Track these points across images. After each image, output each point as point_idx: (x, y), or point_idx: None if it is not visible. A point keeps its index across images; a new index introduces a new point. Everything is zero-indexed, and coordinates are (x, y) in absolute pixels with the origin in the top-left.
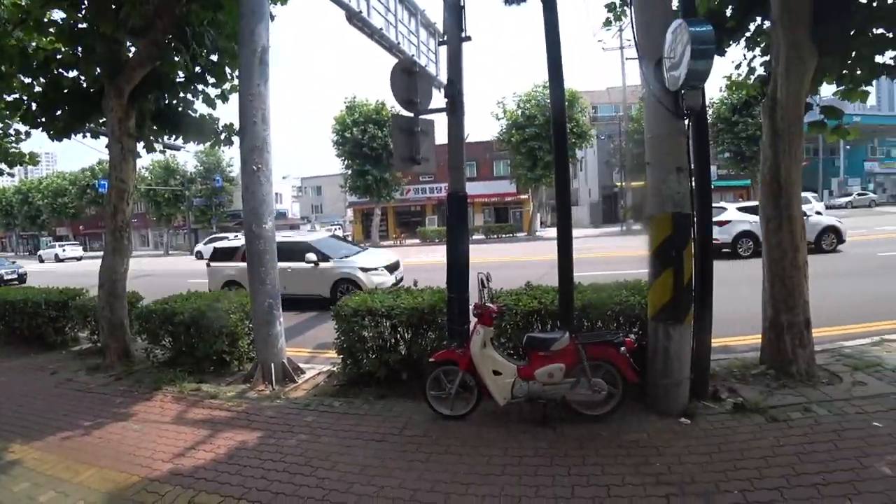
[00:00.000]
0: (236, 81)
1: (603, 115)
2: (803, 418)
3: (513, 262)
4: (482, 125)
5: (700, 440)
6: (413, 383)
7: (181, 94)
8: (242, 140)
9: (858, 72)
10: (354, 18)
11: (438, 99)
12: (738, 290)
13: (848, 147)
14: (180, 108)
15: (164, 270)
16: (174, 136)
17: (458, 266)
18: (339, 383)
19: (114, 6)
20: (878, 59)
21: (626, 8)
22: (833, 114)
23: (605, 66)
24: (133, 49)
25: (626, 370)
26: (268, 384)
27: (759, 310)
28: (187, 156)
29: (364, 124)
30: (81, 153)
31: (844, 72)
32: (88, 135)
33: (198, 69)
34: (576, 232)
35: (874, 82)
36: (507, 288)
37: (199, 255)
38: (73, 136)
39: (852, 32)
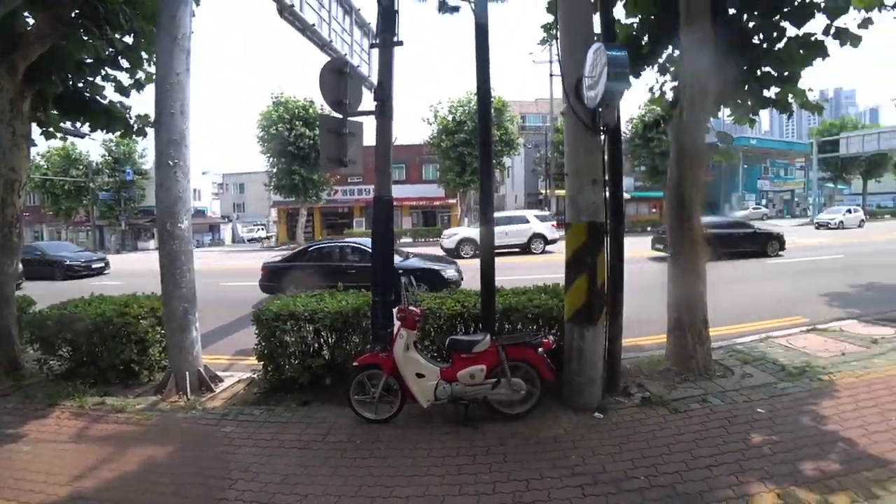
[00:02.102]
0: (153, 68)
1: (531, 125)
2: (701, 408)
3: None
4: (412, 129)
5: (611, 433)
6: (337, 388)
7: (89, 78)
8: (158, 132)
9: (749, 102)
10: (286, 12)
11: (368, 100)
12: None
13: (745, 166)
14: (87, 93)
15: None
16: (79, 124)
17: (383, 269)
18: (259, 391)
19: None
20: (766, 93)
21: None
22: (725, 138)
23: (534, 78)
24: (32, 22)
25: (543, 370)
26: (182, 394)
27: (665, 311)
28: (92, 144)
29: (291, 121)
30: None
31: (739, 101)
32: None
33: (110, 51)
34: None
35: (765, 111)
36: (431, 291)
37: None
38: None
39: (747, 67)
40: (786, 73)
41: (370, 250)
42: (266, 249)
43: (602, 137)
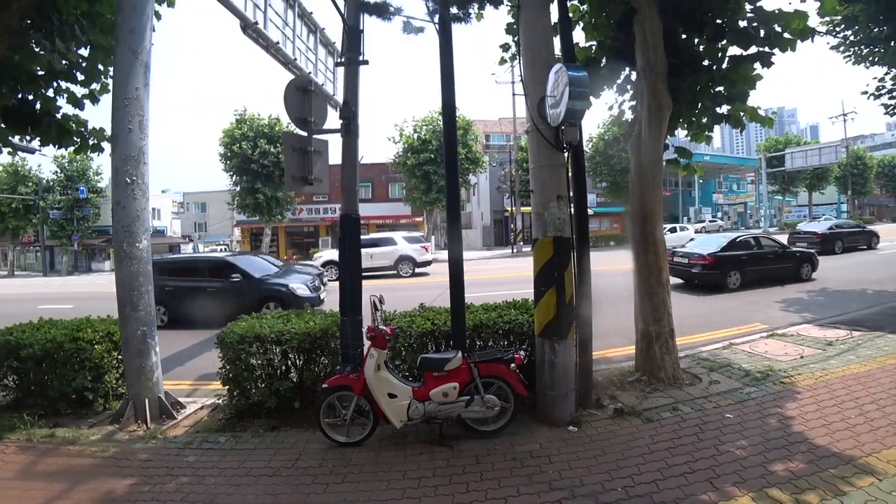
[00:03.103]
0: (110, 81)
1: (495, 143)
2: (672, 417)
3: (406, 284)
4: (378, 147)
5: (587, 445)
6: (307, 412)
7: (41, 91)
8: (115, 149)
9: (704, 120)
10: (250, 29)
11: (334, 118)
12: (615, 305)
13: (701, 181)
14: (38, 106)
15: (9, 294)
16: (29, 138)
17: (350, 288)
18: (224, 417)
19: None
20: (719, 110)
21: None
22: (684, 154)
23: (497, 98)
24: None
25: (516, 385)
26: (141, 423)
27: (633, 323)
28: (43, 160)
29: (255, 139)
30: None
31: (693, 119)
32: None
33: (65, 64)
34: (468, 254)
35: (717, 128)
36: (400, 310)
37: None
38: None
39: (699, 88)
40: (734, 92)
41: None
42: None
43: (566, 154)
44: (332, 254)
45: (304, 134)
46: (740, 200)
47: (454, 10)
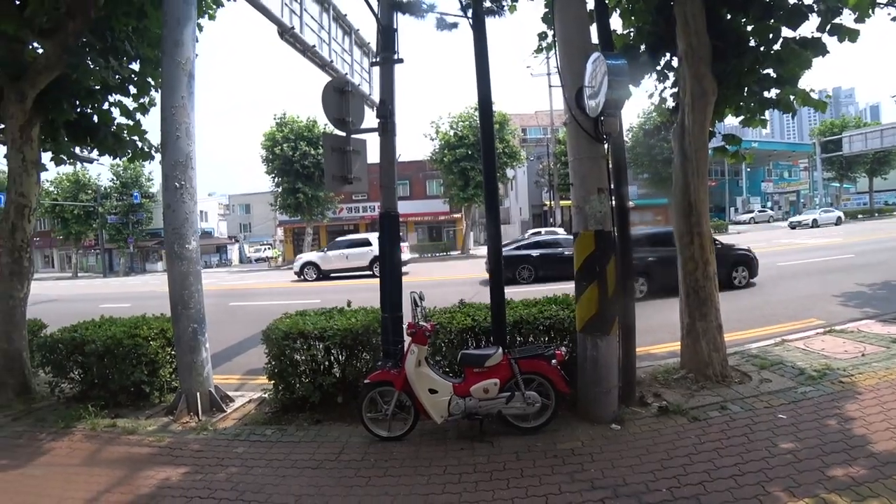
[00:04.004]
0: (159, 93)
1: (532, 137)
2: (720, 416)
3: (447, 281)
4: (415, 144)
5: (630, 444)
6: (349, 406)
7: (97, 105)
8: (164, 155)
9: (752, 105)
10: (287, 34)
11: (371, 118)
12: (661, 300)
13: (749, 169)
14: (95, 119)
15: (73, 295)
16: (88, 149)
17: (391, 285)
18: (270, 410)
19: (17, 2)
20: (767, 94)
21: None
22: (733, 140)
23: (533, 91)
24: (41, 51)
25: (557, 382)
26: (193, 415)
27: (678, 318)
28: (101, 169)
29: (295, 141)
30: None
31: (741, 103)
32: None
33: (118, 78)
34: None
35: (767, 112)
36: (441, 306)
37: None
38: None
39: (746, 70)
40: (785, 75)
41: None
42: (273, 269)
43: (605, 146)
44: (311, 256)
45: (343, 134)
46: (792, 189)
47: (487, 3)
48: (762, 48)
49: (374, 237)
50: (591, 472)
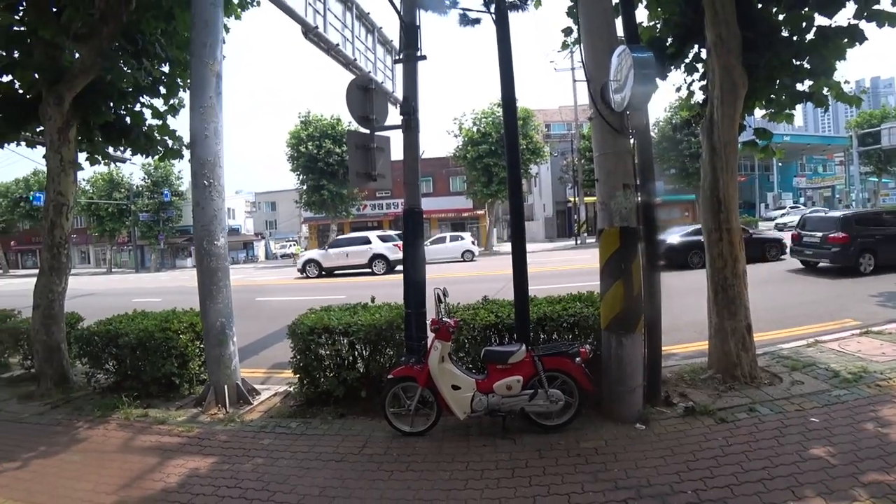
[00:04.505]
0: (188, 93)
1: (556, 133)
2: (749, 418)
3: (470, 277)
4: (438, 141)
5: (655, 444)
6: (372, 401)
7: (129, 106)
8: (193, 154)
9: (783, 97)
10: (311, 33)
11: (394, 115)
12: (685, 298)
13: (780, 164)
14: (128, 120)
15: (108, 289)
16: (122, 149)
17: (414, 281)
18: (296, 404)
19: (54, 9)
20: (800, 87)
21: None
22: (764, 135)
23: (557, 86)
24: (77, 55)
25: (581, 380)
26: (221, 407)
27: (705, 317)
28: (133, 168)
29: (319, 139)
30: (14, 163)
31: (772, 96)
32: (23, 143)
33: (149, 80)
34: (531, 246)
35: (798, 106)
36: (464, 303)
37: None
38: (5, 144)
39: (779, 62)
40: (818, 66)
41: None
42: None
43: (631, 141)
44: (313, 253)
45: (367, 131)
46: (826, 184)
47: None
48: (795, 38)
49: (373, 235)
50: (615, 471)
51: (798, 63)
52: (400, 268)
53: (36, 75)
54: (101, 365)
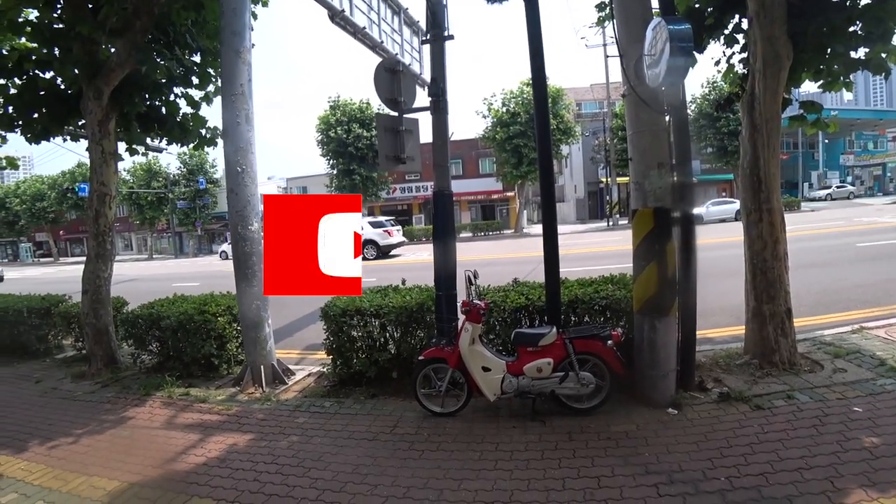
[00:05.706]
0: (220, 82)
1: (587, 112)
2: (786, 406)
3: (500, 259)
4: (467, 123)
5: (687, 430)
6: (403, 382)
7: (164, 97)
8: (226, 141)
9: (836, 67)
10: (337, 17)
11: (423, 97)
12: (721, 281)
13: (826, 141)
14: (164, 110)
15: (149, 275)
16: (159, 139)
17: (445, 264)
18: (329, 384)
19: (91, 6)
20: (853, 55)
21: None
22: (812, 108)
23: (588, 63)
24: (112, 50)
25: (613, 363)
26: (258, 387)
27: (741, 301)
28: (170, 157)
29: (348, 123)
30: (60, 156)
31: (822, 67)
32: (68, 137)
33: (181, 70)
34: (562, 228)
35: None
36: (494, 285)
37: (225, 256)
38: (51, 138)
39: (827, 29)
40: (875, 31)
41: None
42: None
43: (666, 118)
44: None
45: (395, 114)
46: (877, 161)
47: None
48: (847, 1)
49: (364, 222)
50: (646, 456)
51: (852, 29)
52: (393, 253)
53: (76, 71)
54: (146, 346)
